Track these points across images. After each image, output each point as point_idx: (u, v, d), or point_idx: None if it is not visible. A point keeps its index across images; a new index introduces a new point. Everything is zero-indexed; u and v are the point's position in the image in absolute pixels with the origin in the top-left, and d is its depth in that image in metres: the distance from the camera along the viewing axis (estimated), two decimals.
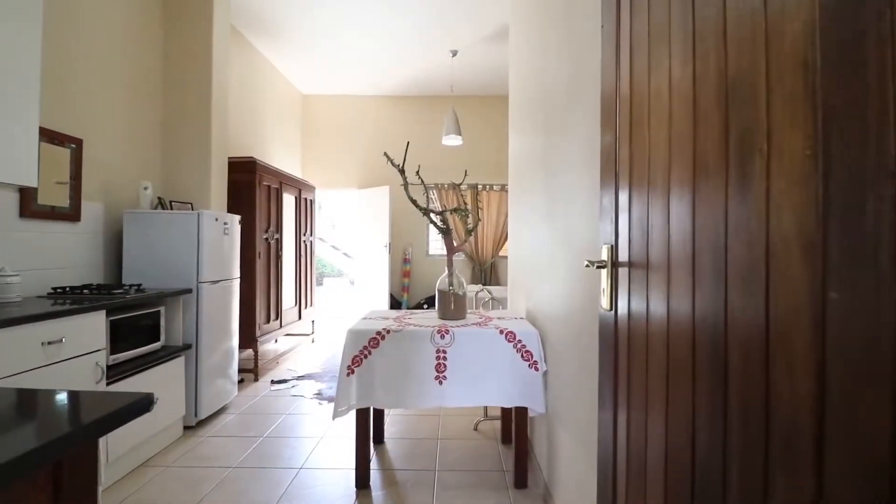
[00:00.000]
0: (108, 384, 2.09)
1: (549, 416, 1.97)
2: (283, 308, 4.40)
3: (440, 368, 1.97)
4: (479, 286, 5.64)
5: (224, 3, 3.47)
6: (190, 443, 2.58)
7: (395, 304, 5.96)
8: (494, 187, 6.13)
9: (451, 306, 2.22)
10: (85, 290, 2.34)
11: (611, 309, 0.92)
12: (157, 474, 2.22)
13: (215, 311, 2.95)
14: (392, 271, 5.96)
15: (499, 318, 2.29)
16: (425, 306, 5.88)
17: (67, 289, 2.34)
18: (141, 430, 2.31)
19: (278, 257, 4.30)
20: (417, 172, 2.56)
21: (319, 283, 8.72)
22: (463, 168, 6.10)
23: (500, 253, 6.18)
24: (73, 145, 2.50)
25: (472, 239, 6.03)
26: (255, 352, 3.81)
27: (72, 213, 2.51)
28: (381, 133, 6.29)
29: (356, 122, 6.35)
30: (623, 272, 0.87)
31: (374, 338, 1.99)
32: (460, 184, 2.89)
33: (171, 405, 2.56)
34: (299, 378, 3.85)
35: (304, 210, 5.04)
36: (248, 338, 3.76)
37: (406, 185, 2.35)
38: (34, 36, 1.95)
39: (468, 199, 5.99)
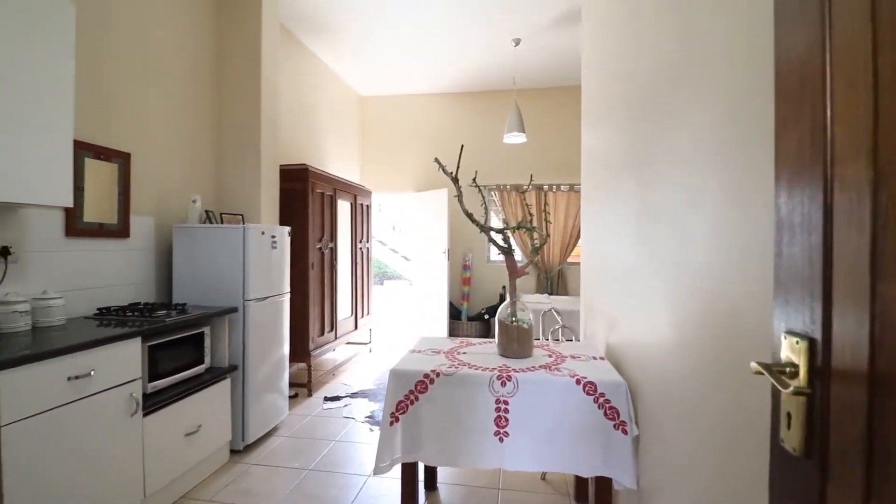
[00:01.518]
0: (144, 415, 1.97)
1: (644, 493, 1.54)
2: (339, 319, 4.25)
3: (501, 423, 1.61)
4: (545, 296, 5.18)
5: (273, 4, 3.33)
6: (234, 471, 2.44)
7: (454, 312, 5.66)
8: (562, 187, 5.62)
9: (515, 343, 1.85)
10: (129, 312, 2.25)
11: (805, 454, 0.52)
12: None
13: (263, 330, 2.81)
14: (451, 278, 5.66)
15: (572, 358, 1.88)
16: (486, 316, 5.52)
17: (113, 309, 2.27)
18: (183, 460, 2.18)
19: (333, 267, 4.15)
20: (474, 180, 2.22)
21: (380, 283, 8.67)
22: (526, 167, 5.66)
23: (569, 259, 5.66)
24: (121, 160, 2.43)
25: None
26: (309, 366, 3.68)
27: (121, 230, 2.45)
28: (439, 133, 6.01)
29: (414, 122, 6.12)
30: (842, 391, 0.47)
31: (422, 381, 1.67)
32: (525, 189, 2.50)
33: (216, 432, 2.42)
34: (352, 395, 3.66)
35: (360, 216, 4.88)
36: (302, 352, 3.62)
37: (460, 195, 2.01)
38: (66, 59, 1.85)
39: (533, 203, 5.54)
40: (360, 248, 4.87)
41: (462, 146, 2.14)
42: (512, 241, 2.05)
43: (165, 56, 2.78)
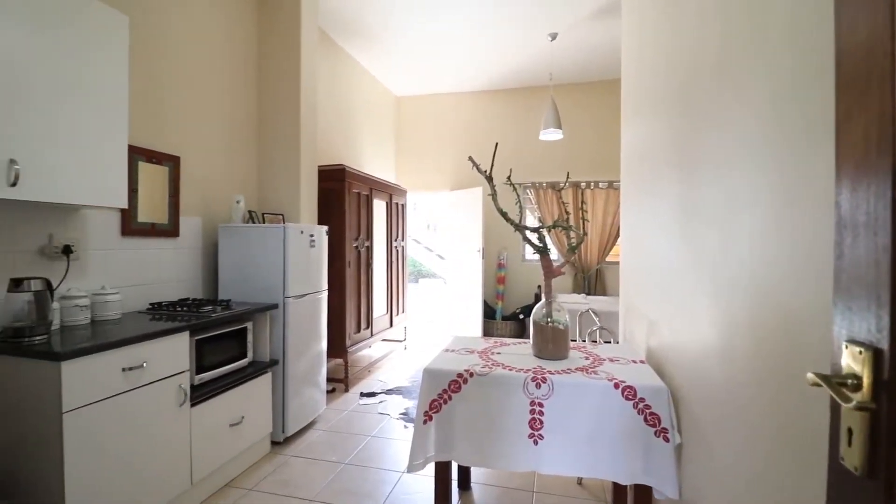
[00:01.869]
0: (192, 405, 2.07)
1: (686, 503, 1.47)
2: (374, 316, 4.32)
3: (535, 425, 1.59)
4: (582, 296, 5.06)
5: (312, 9, 3.41)
6: (275, 462, 2.52)
7: (488, 311, 5.63)
8: (600, 184, 5.47)
9: (550, 344, 1.82)
10: (178, 307, 2.38)
11: (868, 474, 0.47)
12: (236, 500, 2.16)
13: (302, 326, 2.89)
14: (485, 277, 5.63)
15: (610, 361, 1.82)
16: (521, 316, 5.45)
17: (164, 304, 2.40)
18: (227, 450, 2.28)
19: (369, 265, 4.22)
20: (508, 178, 2.19)
21: (415, 282, 8.75)
22: (563, 164, 5.54)
23: (607, 258, 5.50)
24: (171, 163, 2.57)
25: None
26: (346, 362, 3.76)
27: (171, 229, 2.59)
28: (474, 131, 5.98)
29: (449, 121, 6.12)
30: None
31: (456, 381, 1.67)
32: (562, 187, 2.45)
33: (257, 423, 2.52)
34: (388, 392, 3.71)
35: (396, 215, 4.93)
36: (339, 348, 3.71)
37: (494, 194, 1.99)
38: (122, 68, 1.97)
39: (569, 201, 5.42)
40: (396, 247, 4.93)
41: (496, 144, 2.11)
42: (547, 240, 2.01)
43: (211, 63, 2.91)
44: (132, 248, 2.37)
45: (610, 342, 2.41)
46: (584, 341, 2.29)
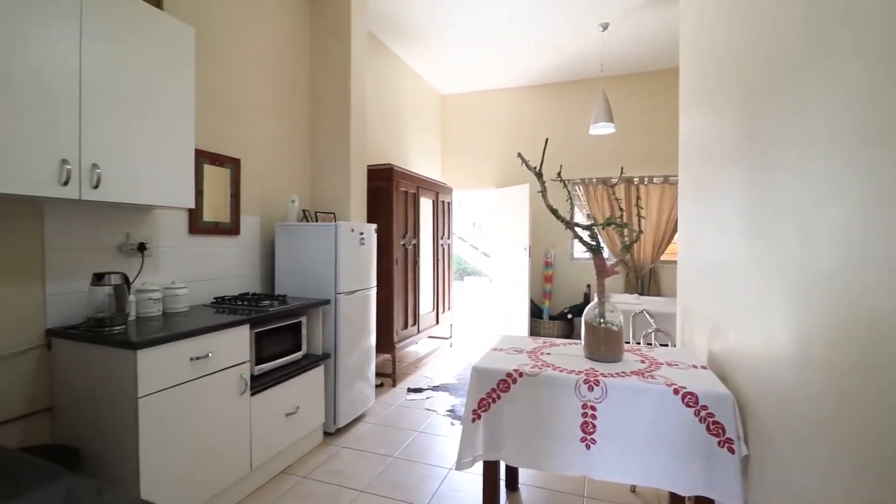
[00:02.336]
0: (252, 395, 2.18)
1: None
2: (421, 313, 4.37)
3: (588, 429, 1.54)
4: (635, 296, 4.87)
5: (361, 12, 3.48)
6: (327, 452, 2.61)
7: (535, 310, 5.54)
8: (655, 179, 5.22)
9: (603, 346, 1.76)
10: (239, 301, 2.51)
11: None
12: (292, 486, 2.25)
13: (353, 321, 2.97)
14: (532, 276, 5.54)
15: (668, 366, 1.73)
16: (569, 316, 5.32)
17: (226, 299, 2.55)
18: (283, 438, 2.38)
19: (416, 263, 4.27)
20: (559, 174, 2.14)
21: (460, 280, 8.77)
22: (614, 159, 5.35)
23: (662, 257, 5.26)
24: (232, 165, 2.71)
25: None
26: (393, 358, 3.83)
27: (232, 228, 2.73)
28: (521, 127, 5.90)
29: (495, 118, 6.07)
30: None
31: (505, 380, 1.65)
32: (615, 183, 2.36)
33: (311, 414, 2.62)
34: (434, 388, 3.74)
35: (442, 213, 4.95)
36: (387, 343, 3.78)
37: (544, 191, 1.95)
38: (189, 76, 2.09)
39: (622, 197, 5.22)
40: (442, 245, 4.95)
41: (546, 140, 2.07)
42: (600, 238, 1.95)
43: (267, 68, 3.05)
44: (198, 245, 2.52)
45: (667, 345, 2.30)
46: (639, 344, 2.20)
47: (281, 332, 2.44)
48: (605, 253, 1.93)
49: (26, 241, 1.78)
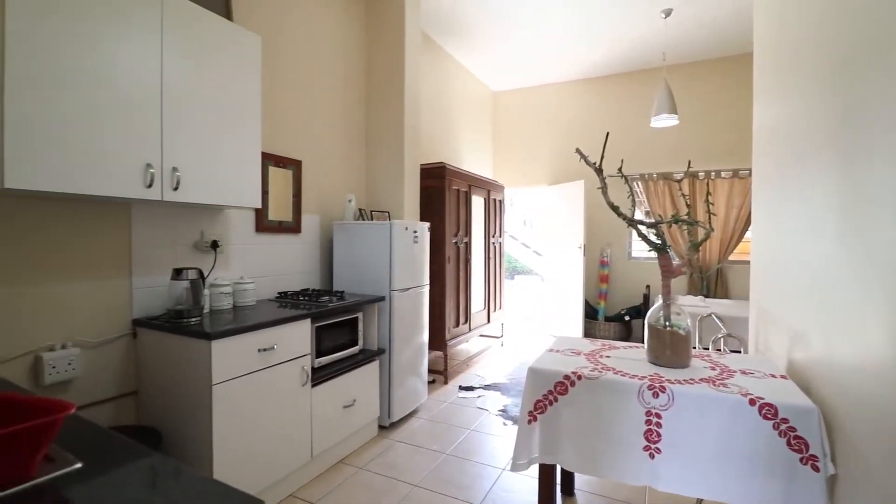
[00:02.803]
0: (312, 386, 2.27)
1: None
2: (472, 311, 4.36)
3: (652, 437, 1.47)
4: (700, 298, 4.59)
5: (414, 12, 3.52)
6: (382, 445, 2.67)
7: (589, 311, 5.37)
8: (723, 174, 4.89)
9: (668, 350, 1.67)
10: (301, 296, 2.62)
11: None
12: (349, 476, 2.32)
13: (406, 318, 3.01)
14: (587, 275, 5.37)
15: (742, 374, 1.61)
16: (627, 318, 5.11)
17: (289, 294, 2.67)
18: (341, 429, 2.47)
19: (467, 261, 4.27)
20: (619, 169, 2.05)
21: (510, 278, 8.67)
22: (677, 152, 5.06)
23: (730, 257, 4.92)
24: (294, 166, 2.83)
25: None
26: (445, 355, 3.85)
27: (294, 226, 2.86)
28: (575, 122, 5.73)
29: (548, 113, 5.94)
30: None
31: (562, 383, 1.61)
32: (681, 178, 2.23)
33: (367, 407, 2.69)
34: (486, 387, 3.73)
35: (493, 211, 4.92)
36: (439, 341, 3.81)
37: (604, 187, 1.88)
38: (256, 82, 2.21)
39: (688, 193, 4.94)
40: (493, 243, 4.92)
41: (607, 134, 1.99)
42: (666, 236, 1.84)
43: (326, 71, 3.16)
44: (264, 243, 2.66)
45: (739, 352, 2.14)
46: (707, 349, 2.07)
47: (339, 327, 2.52)
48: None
49: (116, 239, 1.96)
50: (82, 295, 1.84)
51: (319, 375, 2.33)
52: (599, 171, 1.84)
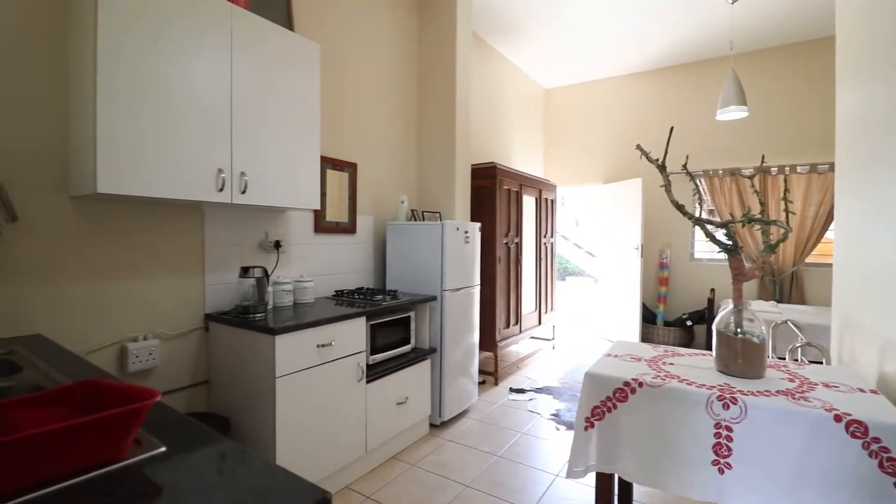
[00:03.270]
0: (367, 382, 2.33)
1: None
2: (523, 313, 4.30)
3: (721, 451, 1.37)
4: (772, 303, 4.26)
5: (466, 13, 3.52)
6: (433, 444, 2.70)
7: (647, 315, 5.14)
8: (798, 168, 4.51)
9: (739, 360, 1.55)
10: (356, 295, 2.70)
11: None
12: (402, 472, 2.36)
13: (457, 318, 3.02)
14: (644, 277, 5.14)
15: (825, 387, 1.47)
16: (689, 322, 4.84)
17: (345, 292, 2.76)
18: (394, 426, 2.51)
19: (518, 261, 4.22)
20: (684, 166, 1.94)
21: (562, 279, 8.45)
22: (744, 146, 4.73)
23: (808, 258, 4.53)
24: (350, 169, 2.92)
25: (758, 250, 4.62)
26: (496, 356, 3.82)
27: (350, 227, 2.95)
28: (632, 118, 5.50)
29: (603, 109, 5.74)
30: None
31: (622, 389, 1.55)
32: (754, 175, 2.08)
33: (419, 405, 2.72)
34: (537, 390, 3.67)
35: (545, 211, 4.82)
36: (489, 342, 3.79)
37: (668, 185, 1.78)
38: (315, 89, 2.30)
39: (757, 188, 4.59)
40: (544, 243, 4.83)
41: (671, 129, 1.89)
42: (737, 237, 1.72)
43: (379, 74, 3.23)
44: (322, 243, 2.77)
45: (820, 363, 1.96)
46: (783, 359, 1.91)
47: (392, 326, 2.57)
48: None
49: (191, 239, 2.11)
50: (162, 290, 2.00)
51: (374, 372, 2.39)
52: (663, 168, 1.74)
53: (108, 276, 1.83)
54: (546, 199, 4.87)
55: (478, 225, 3.32)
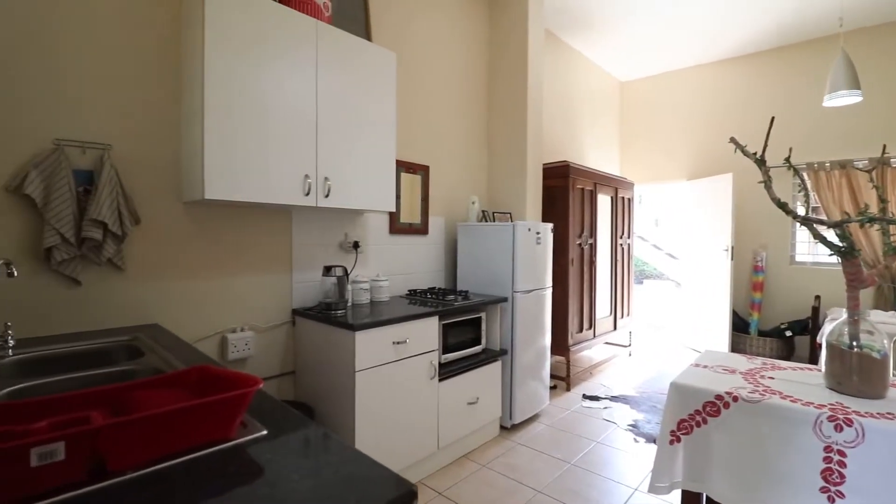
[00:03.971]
0: (439, 381, 2.37)
1: None
2: (597, 317, 4.14)
3: (832, 477, 1.22)
4: (891, 314, 3.72)
5: (537, 11, 3.46)
6: (504, 446, 2.68)
7: (739, 324, 4.71)
8: None
9: (855, 376, 1.37)
10: (428, 294, 2.76)
11: None
12: (473, 472, 2.37)
13: (528, 320, 2.98)
14: (735, 282, 4.71)
15: None
16: (788, 333, 4.36)
17: (417, 291, 2.83)
18: (465, 425, 2.53)
19: (592, 263, 4.06)
20: (787, 159, 1.76)
21: (639, 283, 7.98)
22: (855, 135, 4.17)
23: None
24: (422, 171, 3.00)
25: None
26: (568, 361, 3.71)
27: (422, 228, 3.02)
28: (719, 109, 5.08)
29: (685, 101, 5.35)
30: None
31: (713, 403, 1.43)
32: (873, 168, 1.84)
33: (489, 406, 2.72)
34: (613, 398, 3.51)
35: (621, 210, 4.60)
36: (561, 346, 3.69)
37: (768, 181, 1.63)
38: (391, 96, 2.38)
39: (876, 181, 4.04)
40: (621, 245, 4.60)
41: (772, 119, 1.72)
42: (853, 239, 1.53)
43: (451, 78, 3.27)
44: (396, 243, 2.87)
45: None
46: None
47: (463, 326, 2.60)
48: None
49: (281, 240, 2.28)
50: (255, 287, 2.19)
51: (446, 371, 2.42)
52: (762, 162, 1.59)
53: (210, 272, 2.04)
54: (622, 197, 4.64)
55: (550, 225, 3.24)
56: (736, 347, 4.59)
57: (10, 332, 1.40)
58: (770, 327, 4.60)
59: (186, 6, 1.84)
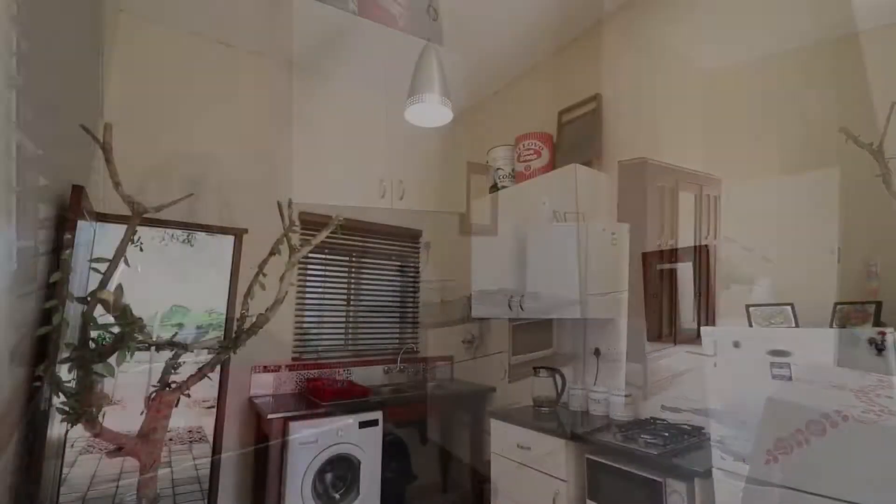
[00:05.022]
0: (509, 382, 2.36)
1: None
2: (678, 324, 3.87)
3: None
4: None
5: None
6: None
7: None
8: None
9: None
10: (499, 296, 2.76)
11: None
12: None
13: (601, 324, 2.87)
14: (841, 288, 4.18)
15: None
16: None
17: (485, 293, 2.84)
18: None
19: (672, 266, 3.81)
20: None
21: (726, 287, 7.34)
22: None
23: None
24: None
25: None
26: (645, 369, 3.52)
27: (491, 228, 3.03)
28: (822, 96, 4.52)
29: (778, 90, 4.82)
30: None
31: (818, 422, 1.30)
32: None
33: None
34: (695, 411, 3.27)
35: (706, 209, 4.27)
36: (636, 353, 3.51)
37: (886, 174, 1.45)
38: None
39: None
40: (705, 246, 4.27)
41: (893, 104, 1.52)
42: None
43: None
44: (465, 244, 2.90)
45: None
46: None
47: (533, 328, 2.56)
48: None
49: None
50: None
51: (515, 374, 2.41)
52: (879, 153, 1.41)
53: None
54: (707, 195, 4.30)
55: (626, 226, 3.10)
56: (843, 361, 4.08)
57: None
58: None
59: None
